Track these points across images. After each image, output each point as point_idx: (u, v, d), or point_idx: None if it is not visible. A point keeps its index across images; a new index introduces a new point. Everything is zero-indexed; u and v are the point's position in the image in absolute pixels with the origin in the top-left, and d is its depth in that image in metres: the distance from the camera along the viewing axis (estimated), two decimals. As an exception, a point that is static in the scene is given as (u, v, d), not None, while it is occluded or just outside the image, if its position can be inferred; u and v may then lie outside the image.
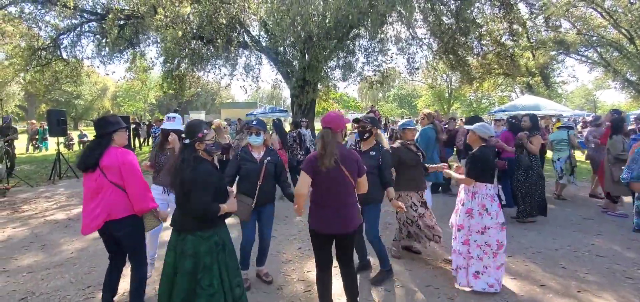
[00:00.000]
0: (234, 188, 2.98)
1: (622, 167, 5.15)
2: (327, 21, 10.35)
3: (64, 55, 13.97)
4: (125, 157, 2.55)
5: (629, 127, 6.11)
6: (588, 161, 7.16)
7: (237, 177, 3.25)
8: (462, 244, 3.30)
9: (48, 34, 13.62)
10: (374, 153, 3.28)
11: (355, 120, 3.58)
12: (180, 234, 2.31)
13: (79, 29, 13.53)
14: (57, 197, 7.33)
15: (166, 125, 3.59)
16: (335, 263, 2.70)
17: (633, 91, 20.90)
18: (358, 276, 3.23)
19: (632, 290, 3.20)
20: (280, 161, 3.33)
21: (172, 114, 3.73)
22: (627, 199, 5.88)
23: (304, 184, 2.47)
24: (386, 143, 3.45)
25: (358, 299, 2.75)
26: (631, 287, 3.27)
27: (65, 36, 13.60)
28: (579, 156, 8.25)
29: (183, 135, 2.36)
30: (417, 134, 5.50)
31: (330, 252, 2.64)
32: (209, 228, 2.32)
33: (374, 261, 3.69)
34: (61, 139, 10.22)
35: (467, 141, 3.71)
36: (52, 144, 13.40)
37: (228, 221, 2.56)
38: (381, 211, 3.55)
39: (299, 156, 7.36)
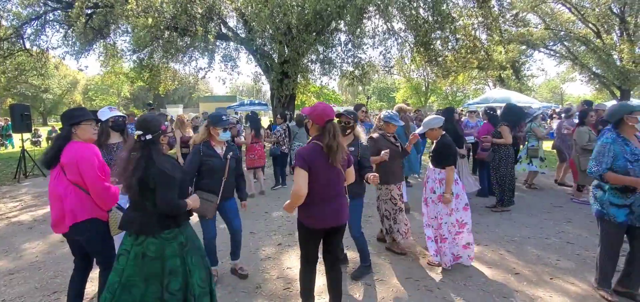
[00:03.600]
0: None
1: (589, 157, 5.38)
2: (306, 13, 10.23)
3: (28, 45, 13.17)
4: (82, 152, 2.35)
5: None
6: (554, 150, 7.48)
7: (197, 174, 3.13)
8: (437, 228, 3.59)
9: (10, 23, 12.79)
10: (353, 148, 3.21)
11: (338, 115, 3.53)
12: (139, 237, 2.12)
13: (43, 18, 12.78)
14: (22, 197, 6.93)
15: (109, 114, 3.35)
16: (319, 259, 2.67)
17: (598, 84, 21.92)
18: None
19: (599, 275, 3.33)
20: (238, 155, 3.35)
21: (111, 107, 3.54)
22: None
23: (303, 182, 2.32)
24: (364, 138, 3.43)
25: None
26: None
27: (28, 25, 12.81)
28: (547, 145, 8.57)
29: (139, 130, 2.14)
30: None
31: (318, 248, 2.62)
32: (173, 227, 2.17)
33: (352, 255, 3.69)
34: (26, 135, 9.65)
35: (426, 137, 3.82)
36: (18, 141, 12.67)
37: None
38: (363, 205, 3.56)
39: (285, 147, 7.36)
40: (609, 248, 2.91)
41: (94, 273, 2.72)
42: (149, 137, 2.12)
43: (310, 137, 2.56)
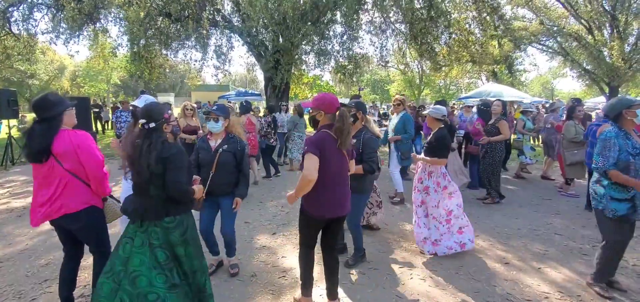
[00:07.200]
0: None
1: (575, 151, 5.53)
2: (301, 2, 10.11)
3: (15, 30, 12.78)
4: (80, 139, 2.33)
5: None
6: (541, 145, 7.66)
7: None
8: (424, 217, 3.77)
9: (-4, 7, 12.38)
10: (355, 140, 3.18)
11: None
12: (142, 223, 2.14)
13: (30, 1, 12.40)
14: (10, 185, 6.81)
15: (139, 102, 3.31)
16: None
17: (588, 80, 22.22)
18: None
19: (586, 265, 3.43)
20: (240, 149, 3.09)
21: (146, 95, 3.51)
22: (579, 180, 6.29)
23: (314, 166, 2.28)
24: (375, 129, 3.42)
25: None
26: (586, 262, 3.51)
27: (15, 8, 12.41)
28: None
29: (143, 119, 2.13)
30: (394, 121, 5.52)
31: (318, 234, 2.67)
32: (177, 214, 2.17)
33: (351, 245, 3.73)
34: (13, 122, 9.44)
35: (427, 124, 3.99)
36: (6, 128, 12.37)
37: None
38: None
39: (273, 140, 7.31)
40: (614, 245, 2.81)
41: (87, 261, 2.70)
42: (152, 125, 2.14)
43: (315, 128, 2.56)
